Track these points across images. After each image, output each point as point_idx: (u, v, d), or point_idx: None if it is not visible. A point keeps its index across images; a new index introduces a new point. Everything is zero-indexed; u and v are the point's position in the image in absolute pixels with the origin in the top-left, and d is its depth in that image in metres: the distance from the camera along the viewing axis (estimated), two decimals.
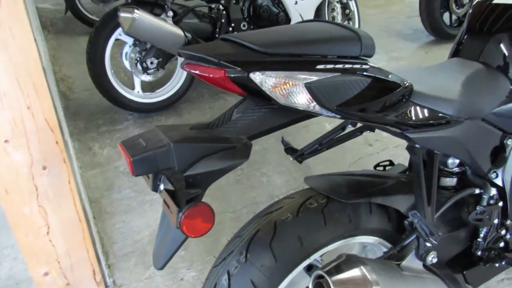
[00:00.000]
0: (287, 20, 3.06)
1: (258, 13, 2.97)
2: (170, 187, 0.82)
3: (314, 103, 0.77)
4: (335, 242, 1.04)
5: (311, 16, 3.15)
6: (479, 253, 1.22)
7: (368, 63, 0.84)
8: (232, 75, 0.75)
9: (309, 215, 1.01)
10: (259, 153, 2.47)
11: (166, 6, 2.61)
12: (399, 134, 0.96)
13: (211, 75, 0.77)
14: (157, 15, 2.58)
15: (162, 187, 0.85)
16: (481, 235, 1.22)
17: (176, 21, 2.68)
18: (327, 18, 3.33)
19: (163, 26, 2.48)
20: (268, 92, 0.76)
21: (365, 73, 0.81)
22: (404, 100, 0.90)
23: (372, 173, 1.19)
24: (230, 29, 2.93)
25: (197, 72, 0.79)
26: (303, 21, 0.93)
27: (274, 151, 2.49)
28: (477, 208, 1.19)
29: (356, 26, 3.59)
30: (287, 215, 1.01)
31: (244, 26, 2.96)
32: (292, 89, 0.76)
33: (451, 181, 1.24)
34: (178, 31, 2.55)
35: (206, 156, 0.79)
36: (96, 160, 2.48)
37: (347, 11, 3.51)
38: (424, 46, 4.02)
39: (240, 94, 0.80)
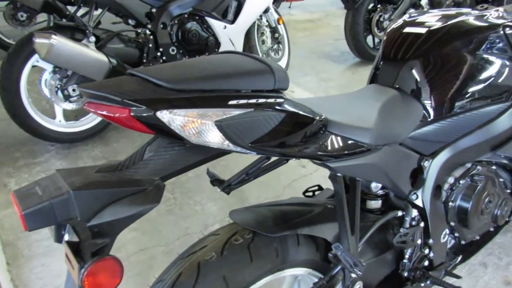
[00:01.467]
0: (217, 44, 3.05)
1: (187, 37, 2.93)
2: (75, 238, 0.74)
3: (227, 141, 0.74)
4: (263, 278, 1.00)
5: (240, 40, 3.17)
6: (405, 274, 1.25)
7: (283, 97, 0.83)
8: (138, 115, 0.70)
9: (235, 252, 0.97)
10: (192, 180, 2.40)
11: (87, 31, 2.48)
12: (320, 164, 0.95)
13: (116, 115, 0.71)
14: (78, 40, 2.45)
15: (67, 237, 0.76)
16: (406, 256, 1.24)
17: (100, 46, 2.56)
18: (256, 42, 3.38)
19: (84, 51, 2.36)
20: (177, 131, 0.72)
21: (279, 108, 0.80)
22: (322, 132, 0.89)
23: (298, 201, 1.18)
24: (159, 54, 2.86)
25: (100, 112, 0.72)
26: (216, 53, 0.90)
27: (208, 178, 2.42)
28: (400, 230, 1.21)
29: (286, 49, 3.68)
30: (211, 255, 0.95)
31: (173, 50, 2.91)
32: (202, 127, 0.72)
33: (376, 204, 1.26)
34: (101, 56, 2.43)
35: (113, 203, 0.72)
36: (11, 198, 2.26)
37: (276, 34, 3.59)
38: (351, 67, 4.21)
39: (150, 133, 0.75)
